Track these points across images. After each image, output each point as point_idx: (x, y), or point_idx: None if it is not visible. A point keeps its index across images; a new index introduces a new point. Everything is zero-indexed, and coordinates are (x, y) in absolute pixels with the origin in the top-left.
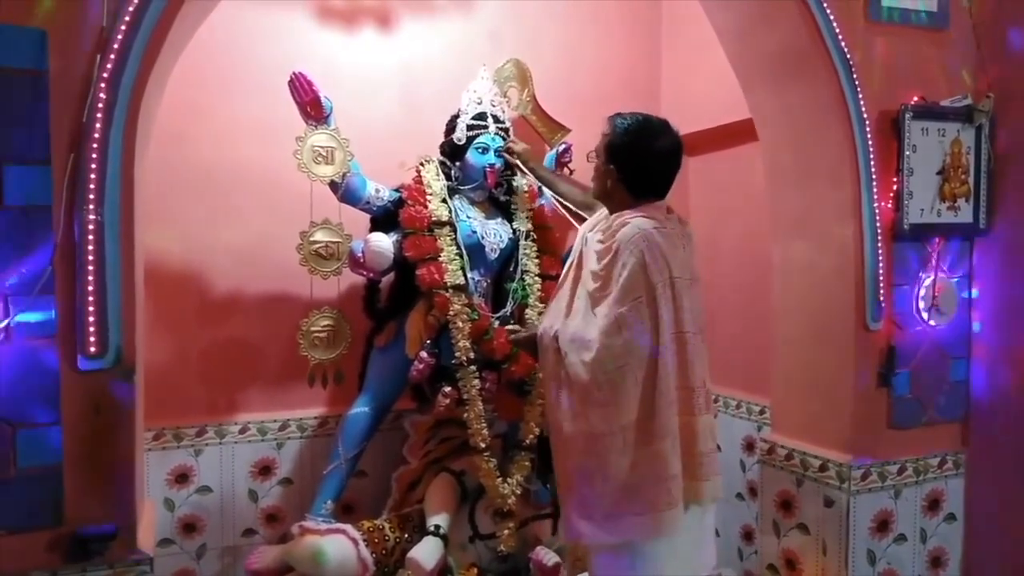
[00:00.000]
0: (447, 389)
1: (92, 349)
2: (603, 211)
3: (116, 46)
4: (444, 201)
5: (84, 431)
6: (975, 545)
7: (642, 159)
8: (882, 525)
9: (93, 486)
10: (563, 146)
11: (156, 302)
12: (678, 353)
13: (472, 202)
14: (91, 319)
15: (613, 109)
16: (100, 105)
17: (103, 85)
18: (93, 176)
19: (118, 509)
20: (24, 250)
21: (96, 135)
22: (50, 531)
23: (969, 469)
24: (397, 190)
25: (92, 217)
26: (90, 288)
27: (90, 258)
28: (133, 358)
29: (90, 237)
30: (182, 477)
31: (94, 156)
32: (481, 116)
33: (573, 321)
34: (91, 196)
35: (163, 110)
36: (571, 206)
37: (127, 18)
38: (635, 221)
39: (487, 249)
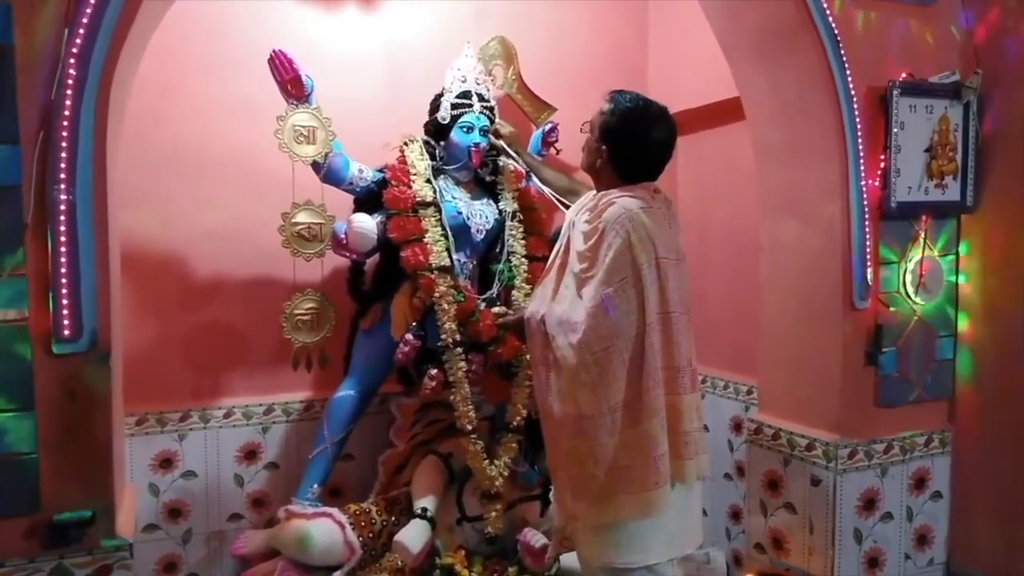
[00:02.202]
0: (433, 371)
1: (66, 332)
2: (589, 194)
3: (85, 20)
4: (429, 181)
5: (59, 416)
6: (961, 523)
7: (636, 147)
8: (868, 503)
9: (70, 472)
10: (549, 125)
11: (137, 286)
12: (664, 333)
13: (457, 182)
14: (64, 301)
15: (600, 87)
16: (70, 81)
17: (72, 61)
18: (64, 155)
19: (96, 495)
20: None
21: (66, 112)
22: (27, 518)
23: (955, 447)
24: (381, 170)
25: (64, 197)
26: (63, 270)
27: (62, 239)
28: (108, 341)
29: (62, 217)
30: (166, 462)
31: (64, 134)
32: (466, 95)
33: (560, 304)
34: (62, 175)
35: (139, 89)
36: (556, 192)
37: None
38: (621, 201)
39: (473, 230)
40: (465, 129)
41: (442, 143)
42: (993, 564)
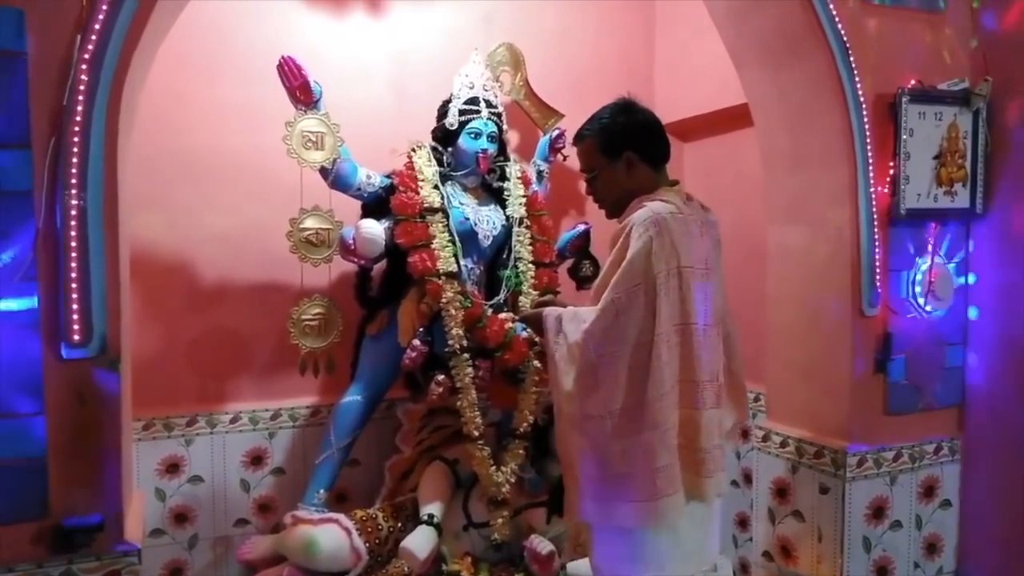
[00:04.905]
0: (440, 377)
1: (76, 337)
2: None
3: (97, 26)
4: (436, 187)
5: (69, 421)
6: (970, 531)
7: (643, 125)
8: (877, 512)
9: (79, 477)
10: (556, 131)
11: (145, 290)
12: (682, 345)
13: (465, 188)
14: (75, 306)
15: (607, 93)
16: (81, 87)
17: (84, 67)
18: (75, 160)
19: (105, 500)
20: (5, 236)
21: (78, 118)
22: (35, 523)
23: (964, 455)
24: (388, 176)
25: (75, 202)
26: (73, 275)
27: (73, 244)
28: (118, 346)
29: (73, 223)
30: (173, 467)
31: (76, 140)
32: (473, 101)
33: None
34: (73, 180)
35: (149, 94)
36: None
37: None
38: (651, 205)
39: (480, 236)
40: (473, 135)
41: (450, 149)
42: (1003, 573)
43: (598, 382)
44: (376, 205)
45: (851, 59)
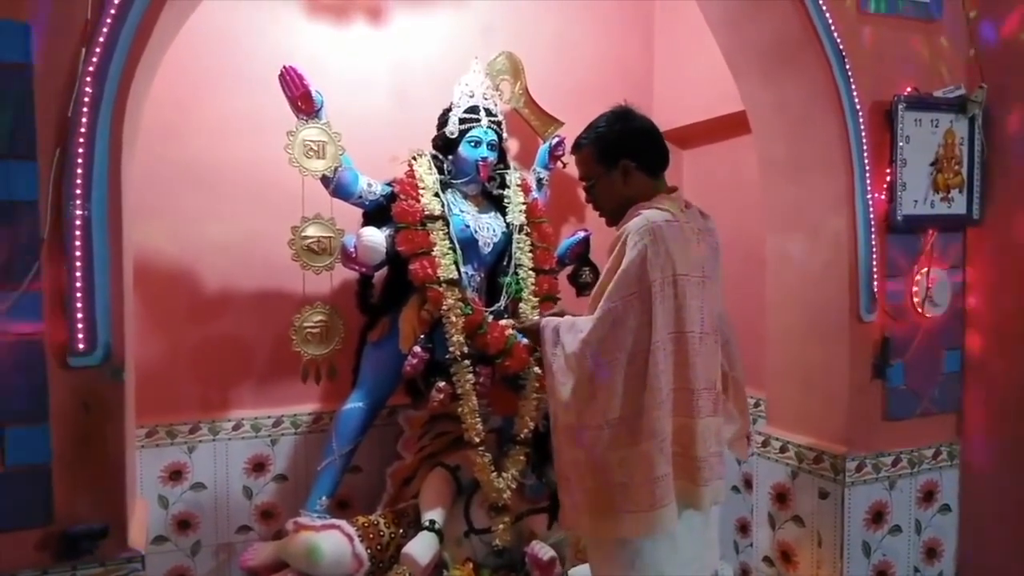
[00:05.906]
0: (441, 384)
1: (80, 346)
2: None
3: (101, 39)
4: (437, 195)
5: (73, 429)
6: (969, 536)
7: (640, 133)
8: (877, 517)
9: (83, 484)
10: (556, 139)
11: (147, 299)
12: (677, 353)
13: (465, 196)
14: (79, 316)
15: (606, 101)
16: (86, 99)
17: (88, 79)
18: (80, 171)
19: (109, 507)
20: (10, 246)
21: (82, 130)
22: (40, 530)
23: (963, 460)
24: (389, 184)
25: (79, 212)
26: (78, 284)
27: (78, 254)
28: (122, 355)
29: (77, 233)
30: (176, 474)
31: (80, 151)
32: (473, 109)
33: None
34: (78, 191)
35: (151, 104)
36: None
37: (112, 11)
38: (647, 213)
39: (480, 243)
40: (473, 143)
41: (450, 157)
42: None
43: (595, 391)
44: (377, 213)
45: (847, 67)
